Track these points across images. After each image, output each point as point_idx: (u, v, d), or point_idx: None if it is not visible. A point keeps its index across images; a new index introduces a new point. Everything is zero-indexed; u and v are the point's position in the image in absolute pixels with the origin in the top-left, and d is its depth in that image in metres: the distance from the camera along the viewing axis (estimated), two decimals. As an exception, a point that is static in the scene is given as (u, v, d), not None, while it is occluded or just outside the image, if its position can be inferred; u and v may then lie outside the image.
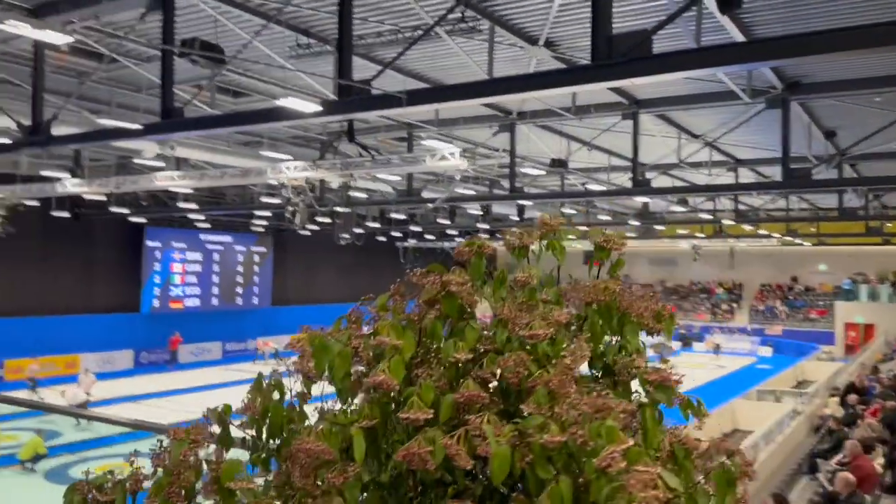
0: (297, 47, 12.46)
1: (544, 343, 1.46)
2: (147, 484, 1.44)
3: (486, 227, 32.17)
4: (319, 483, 1.36)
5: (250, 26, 11.09)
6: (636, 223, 31.41)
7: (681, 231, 39.91)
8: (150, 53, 12.87)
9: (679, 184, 24.98)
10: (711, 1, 9.41)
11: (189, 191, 28.12)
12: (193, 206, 29.59)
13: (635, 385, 1.51)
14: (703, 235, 38.74)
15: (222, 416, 1.55)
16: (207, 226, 37.76)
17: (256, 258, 40.65)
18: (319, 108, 8.77)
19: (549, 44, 12.27)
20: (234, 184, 19.93)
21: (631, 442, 1.22)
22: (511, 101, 16.18)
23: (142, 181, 18.55)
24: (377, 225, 34.86)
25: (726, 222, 28.71)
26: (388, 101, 8.23)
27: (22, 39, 11.53)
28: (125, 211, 29.10)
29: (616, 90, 15.11)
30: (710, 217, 30.43)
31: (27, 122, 12.12)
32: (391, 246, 43.64)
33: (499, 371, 1.46)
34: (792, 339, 41.83)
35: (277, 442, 1.54)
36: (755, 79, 14.13)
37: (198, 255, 37.89)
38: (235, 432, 1.57)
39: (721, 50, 7.70)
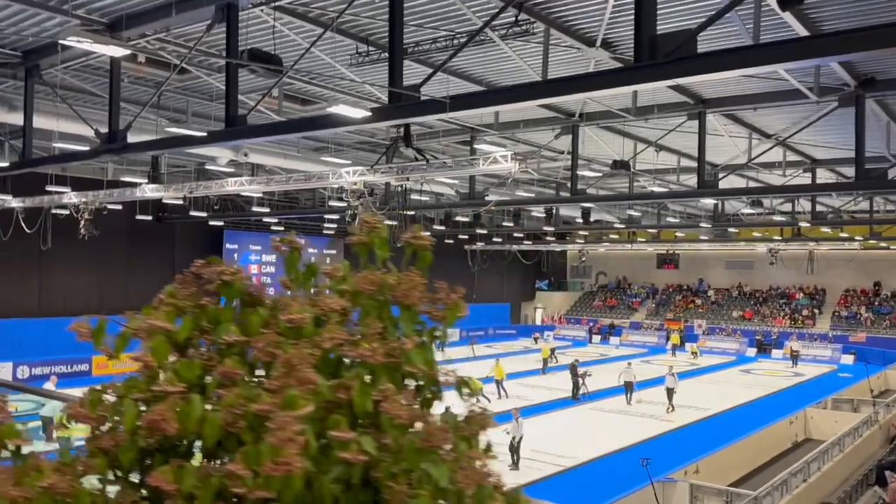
0: (357, 55, 12.80)
1: (310, 327, 1.60)
2: None
3: (552, 229, 31.95)
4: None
5: (312, 36, 11.46)
6: (707, 225, 30.58)
7: (757, 234, 38.57)
8: (221, 64, 13.46)
9: (752, 185, 24.24)
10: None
11: (262, 195, 29.26)
12: (267, 210, 30.70)
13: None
14: (780, 238, 37.29)
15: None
16: (281, 229, 38.96)
17: (328, 260, 41.68)
18: (368, 114, 9.01)
19: (606, 45, 12.16)
20: (298, 188, 20.59)
21: (310, 409, 1.39)
22: (571, 103, 16.08)
23: (214, 186, 19.33)
24: (442, 228, 35.19)
25: (803, 224, 27.61)
26: (434, 106, 8.39)
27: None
28: (204, 215, 30.43)
29: (680, 90, 14.81)
30: (785, 219, 29.37)
31: (105, 130, 12.85)
32: (459, 249, 43.86)
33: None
34: (876, 347, 39.77)
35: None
36: (826, 76, 13.62)
37: (272, 257, 39.09)
38: None
39: (767, 48, 7.51)
